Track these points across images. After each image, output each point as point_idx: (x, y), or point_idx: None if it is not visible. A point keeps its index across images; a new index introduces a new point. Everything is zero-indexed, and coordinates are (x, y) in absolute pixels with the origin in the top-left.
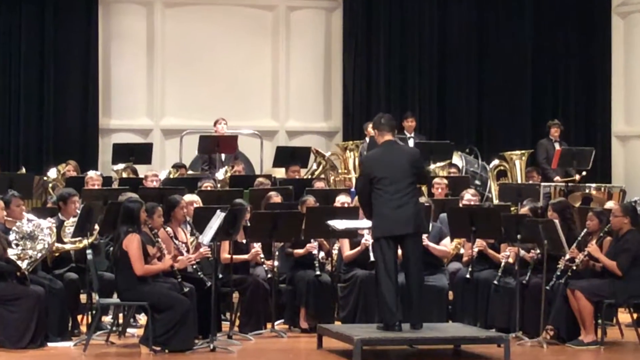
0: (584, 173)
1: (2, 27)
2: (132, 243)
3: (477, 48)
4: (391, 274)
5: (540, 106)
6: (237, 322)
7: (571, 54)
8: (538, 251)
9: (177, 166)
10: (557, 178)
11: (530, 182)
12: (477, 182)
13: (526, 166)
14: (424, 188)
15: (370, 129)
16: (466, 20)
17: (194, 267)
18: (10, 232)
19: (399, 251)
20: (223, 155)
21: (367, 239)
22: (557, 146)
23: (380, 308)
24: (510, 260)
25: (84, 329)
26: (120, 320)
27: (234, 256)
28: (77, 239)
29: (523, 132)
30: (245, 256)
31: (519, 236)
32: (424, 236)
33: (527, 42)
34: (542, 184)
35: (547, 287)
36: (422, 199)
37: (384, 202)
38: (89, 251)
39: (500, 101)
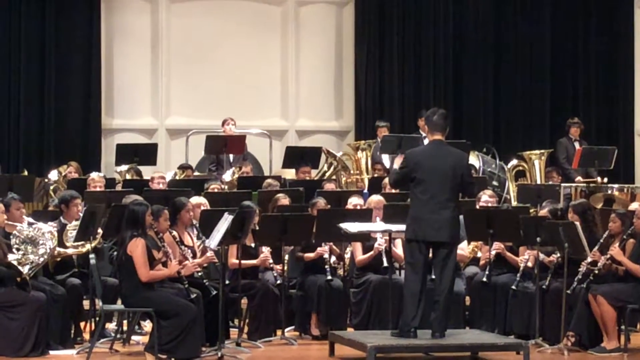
0: (605, 179)
1: (3, 24)
2: (136, 248)
3: (494, 44)
4: (417, 279)
5: (559, 104)
6: (246, 329)
7: (591, 50)
8: (558, 254)
9: (183, 167)
10: (579, 178)
11: (550, 182)
12: (495, 182)
13: (546, 166)
14: None
15: (381, 129)
16: (483, 16)
17: (200, 273)
18: (11, 237)
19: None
20: (231, 156)
21: (381, 243)
22: (577, 145)
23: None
24: (530, 264)
25: (87, 336)
26: (125, 327)
27: (243, 261)
28: (79, 243)
29: (542, 131)
30: (254, 261)
31: (538, 239)
32: None
33: (546, 38)
34: (563, 184)
35: (568, 292)
36: None
37: (420, 205)
38: (92, 256)
39: (518, 99)
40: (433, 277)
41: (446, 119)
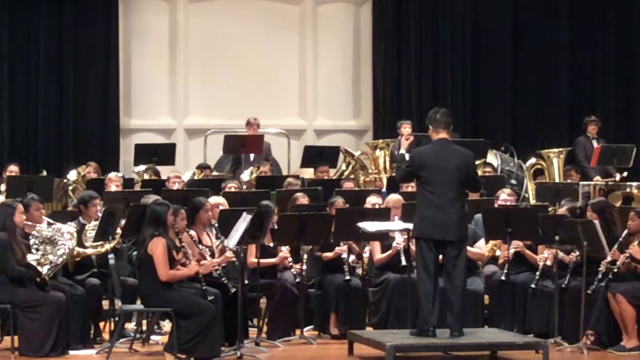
0: (625, 173)
1: (21, 25)
2: (157, 247)
3: (512, 42)
4: (429, 277)
5: (577, 101)
6: (265, 329)
7: (609, 47)
8: (577, 253)
9: (202, 167)
10: (597, 178)
11: (569, 181)
12: (513, 181)
13: (564, 164)
14: None
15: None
16: (500, 14)
17: (218, 272)
18: (30, 237)
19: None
20: (252, 156)
21: (399, 242)
22: (595, 144)
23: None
24: (548, 262)
25: (106, 336)
26: (144, 327)
27: (261, 260)
28: (98, 243)
29: (560, 129)
30: (273, 260)
31: (557, 238)
32: None
33: (564, 35)
34: (581, 183)
35: (588, 291)
36: None
37: (427, 204)
38: (111, 256)
39: (536, 97)
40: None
41: (449, 116)
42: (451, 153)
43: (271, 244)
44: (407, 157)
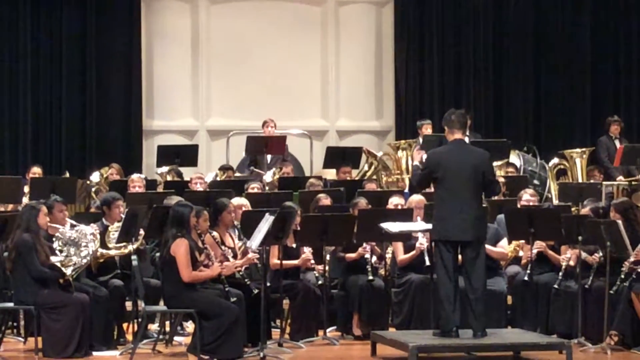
0: None
1: (44, 28)
2: (180, 248)
3: (534, 42)
4: (449, 278)
5: (600, 101)
6: (288, 330)
7: (632, 46)
8: (600, 253)
9: (224, 168)
10: (620, 178)
11: (592, 181)
12: (536, 181)
13: (587, 164)
14: None
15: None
16: (523, 14)
17: (241, 273)
18: (53, 239)
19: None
20: (269, 157)
21: (422, 242)
22: (617, 143)
23: (437, 312)
24: (572, 263)
25: (129, 337)
26: (167, 328)
27: (284, 262)
28: (121, 244)
29: (583, 129)
30: (295, 261)
31: (580, 238)
32: None
33: (587, 35)
34: (604, 183)
35: (611, 291)
36: None
37: (443, 205)
38: (134, 257)
39: (559, 97)
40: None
41: (465, 117)
42: (467, 153)
43: (294, 245)
44: (417, 161)
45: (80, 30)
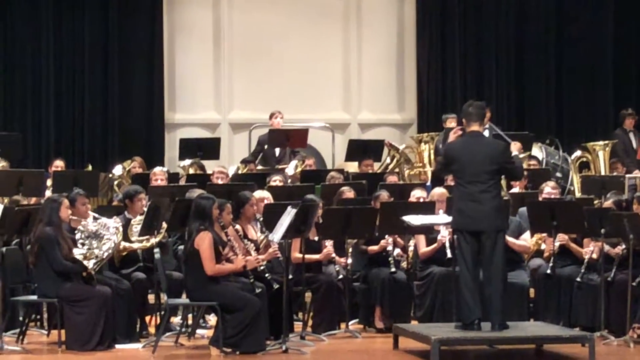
0: None
1: (66, 22)
2: (203, 241)
3: (557, 35)
4: (469, 269)
5: (623, 94)
6: (310, 323)
7: None
8: (623, 246)
9: (246, 161)
10: (637, 171)
11: (615, 174)
12: (558, 174)
13: (610, 157)
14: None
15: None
16: (545, 6)
17: (262, 267)
18: (76, 232)
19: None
20: (277, 150)
21: (444, 235)
22: (632, 136)
23: (459, 304)
24: (594, 255)
25: (152, 330)
26: (190, 321)
27: (306, 256)
28: (144, 237)
29: (606, 122)
30: (317, 256)
31: (602, 231)
32: None
33: (609, 27)
34: (627, 175)
35: (634, 284)
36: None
37: (461, 196)
38: (156, 250)
39: (581, 89)
40: None
41: (483, 108)
42: (481, 145)
43: (316, 238)
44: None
45: (103, 24)
